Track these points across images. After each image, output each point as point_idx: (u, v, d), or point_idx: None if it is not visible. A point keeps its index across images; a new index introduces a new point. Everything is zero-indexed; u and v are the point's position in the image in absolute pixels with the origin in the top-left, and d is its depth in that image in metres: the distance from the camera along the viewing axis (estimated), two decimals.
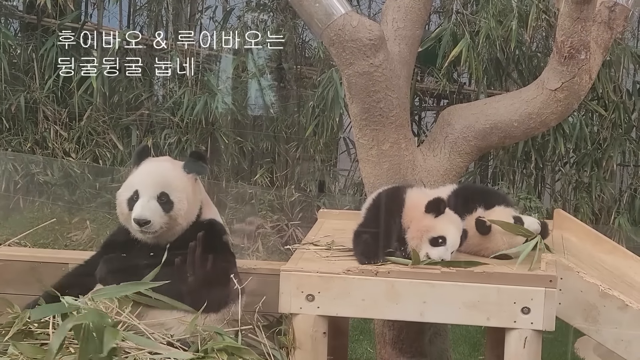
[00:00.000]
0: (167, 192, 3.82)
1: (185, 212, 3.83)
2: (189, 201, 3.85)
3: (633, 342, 3.82)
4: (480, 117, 4.84)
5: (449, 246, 3.68)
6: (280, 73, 10.30)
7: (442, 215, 3.74)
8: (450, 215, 3.79)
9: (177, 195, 3.82)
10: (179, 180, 3.86)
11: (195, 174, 3.92)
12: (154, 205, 3.79)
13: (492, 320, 3.54)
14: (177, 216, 3.82)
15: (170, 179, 3.85)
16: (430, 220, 3.72)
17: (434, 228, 3.70)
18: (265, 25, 10.09)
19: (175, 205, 3.81)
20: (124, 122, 10.16)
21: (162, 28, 10.50)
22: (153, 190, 3.82)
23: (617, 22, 4.67)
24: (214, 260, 3.80)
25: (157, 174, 3.88)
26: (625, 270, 4.47)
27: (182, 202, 3.82)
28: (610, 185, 10.00)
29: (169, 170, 3.90)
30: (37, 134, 10.03)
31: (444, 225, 3.72)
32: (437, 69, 9.66)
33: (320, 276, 3.58)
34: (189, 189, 3.87)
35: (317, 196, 10.05)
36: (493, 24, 9.07)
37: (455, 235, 3.73)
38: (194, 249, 3.76)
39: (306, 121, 9.86)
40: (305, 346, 3.58)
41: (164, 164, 3.96)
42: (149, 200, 3.80)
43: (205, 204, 4.00)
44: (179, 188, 3.84)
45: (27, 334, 3.51)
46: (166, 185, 3.83)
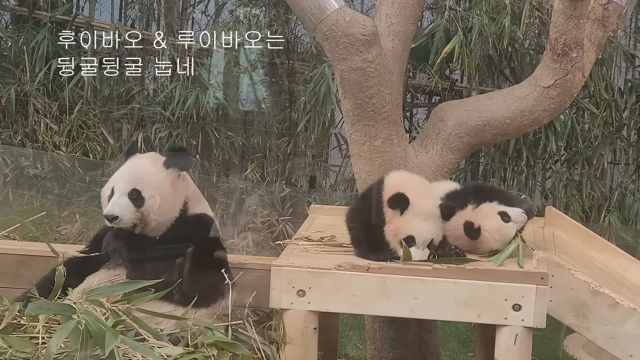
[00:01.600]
0: (138, 189, 3.84)
1: (157, 208, 3.83)
2: (163, 197, 3.85)
3: (623, 340, 3.82)
4: (472, 113, 4.84)
5: (418, 244, 3.66)
6: (272, 68, 10.28)
7: (407, 211, 3.70)
8: (418, 208, 3.74)
9: (149, 191, 3.84)
10: (153, 176, 3.87)
11: (176, 169, 3.91)
12: (125, 201, 3.82)
13: (483, 317, 3.54)
14: (149, 212, 3.83)
15: (143, 175, 3.88)
16: (398, 220, 3.69)
17: (402, 228, 3.66)
18: (257, 20, 10.07)
19: (146, 201, 3.83)
20: (114, 115, 10.12)
21: (154, 22, 10.48)
22: (125, 187, 3.85)
23: (611, 19, 4.67)
24: (203, 254, 3.81)
25: (131, 171, 3.92)
26: (616, 268, 4.48)
27: (153, 199, 3.83)
28: (601, 183, 10.01)
29: (146, 166, 3.92)
30: (27, 127, 10.00)
31: (410, 222, 3.68)
32: (430, 65, 9.65)
33: (311, 272, 3.58)
34: (165, 185, 3.87)
35: (307, 192, 10.03)
36: (486, 21, 9.05)
37: (424, 230, 3.67)
38: (180, 240, 3.79)
39: (298, 116, 9.84)
40: (295, 341, 3.58)
41: (143, 161, 3.97)
42: (120, 197, 3.83)
43: (193, 198, 3.99)
44: (152, 184, 3.85)
45: (16, 328, 3.49)
46: (138, 182, 3.85)
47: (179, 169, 3.92)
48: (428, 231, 3.69)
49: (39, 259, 4.21)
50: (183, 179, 3.96)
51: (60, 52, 9.98)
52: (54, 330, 3.43)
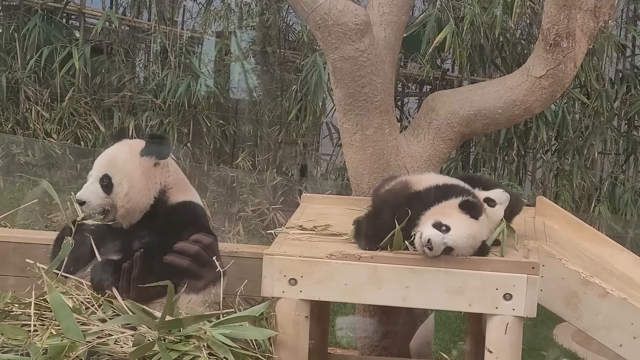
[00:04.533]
0: (109, 175, 3.84)
1: (125, 194, 3.82)
2: (131, 184, 3.83)
3: (613, 329, 3.84)
4: (464, 103, 4.84)
5: (446, 236, 3.55)
6: (263, 57, 10.27)
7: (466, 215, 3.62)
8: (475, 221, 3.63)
9: (118, 177, 3.83)
10: (125, 163, 3.85)
11: (152, 157, 3.90)
12: (95, 187, 3.83)
13: (474, 306, 3.54)
14: (117, 198, 3.82)
15: (115, 161, 3.87)
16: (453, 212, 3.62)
17: (447, 216, 3.61)
18: (249, 8, 10.06)
19: (114, 187, 3.82)
20: (106, 103, 10.12)
21: (145, 9, 10.46)
22: (98, 172, 3.86)
23: (603, 10, 4.67)
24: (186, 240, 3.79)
25: (105, 157, 3.92)
26: (606, 258, 4.49)
27: (121, 185, 3.81)
28: (591, 173, 10.04)
29: (120, 153, 3.91)
30: (18, 114, 9.98)
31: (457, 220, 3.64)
32: (421, 54, 9.66)
33: (303, 260, 3.58)
34: (134, 173, 3.85)
35: (299, 180, 10.05)
36: (478, 11, 9.06)
37: (458, 236, 3.55)
38: (162, 229, 3.79)
39: (289, 105, 9.85)
40: (287, 330, 3.58)
41: (120, 147, 3.95)
42: (92, 182, 3.84)
43: (176, 187, 3.97)
44: (123, 171, 3.84)
45: (7, 315, 3.49)
46: (109, 168, 3.85)
47: (155, 157, 3.90)
48: (459, 239, 3.60)
49: (30, 247, 4.20)
50: (163, 167, 3.92)
51: (52, 40, 9.97)
52: (46, 317, 3.43)
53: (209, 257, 3.77)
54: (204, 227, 3.97)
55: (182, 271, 3.71)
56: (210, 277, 3.77)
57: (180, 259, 3.73)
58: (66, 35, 10.23)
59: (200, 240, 3.80)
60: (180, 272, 3.71)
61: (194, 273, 3.74)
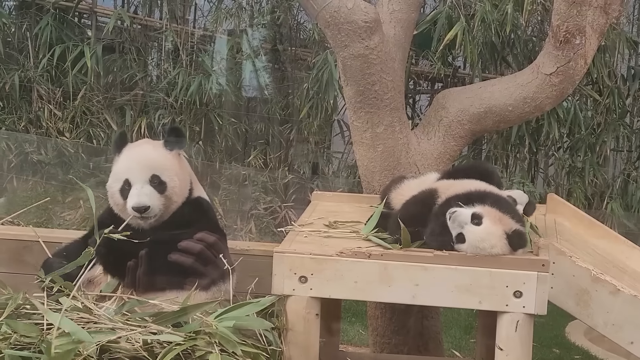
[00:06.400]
0: (157, 174, 3.78)
1: (178, 189, 3.82)
2: (179, 178, 3.83)
3: (624, 327, 3.83)
4: (475, 100, 4.84)
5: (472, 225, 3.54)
6: (274, 54, 10.29)
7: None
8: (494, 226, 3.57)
9: (167, 174, 3.79)
10: (165, 159, 3.82)
11: (177, 149, 3.90)
12: (149, 189, 3.75)
13: (484, 303, 3.54)
14: (172, 194, 3.79)
15: (157, 159, 3.82)
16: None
17: (493, 222, 3.54)
18: (260, 6, 10.08)
19: (168, 184, 3.79)
20: (118, 102, 10.15)
21: (157, 8, 10.49)
22: (143, 175, 3.78)
23: (613, 6, 4.66)
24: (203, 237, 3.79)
25: (143, 158, 3.84)
26: (617, 255, 4.48)
27: (173, 180, 3.79)
28: (604, 170, 10.02)
29: (153, 151, 3.86)
30: (31, 113, 10.02)
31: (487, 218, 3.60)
32: (432, 52, 9.66)
33: (313, 258, 3.58)
34: (176, 166, 3.85)
35: (310, 178, 10.06)
36: (489, 8, 9.06)
37: (476, 236, 3.51)
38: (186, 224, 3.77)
39: (300, 103, 9.87)
40: (297, 328, 3.58)
41: (146, 147, 3.92)
42: (143, 186, 3.77)
43: (193, 180, 3.99)
44: (167, 167, 3.80)
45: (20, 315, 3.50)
46: (155, 167, 3.79)
47: (178, 148, 3.91)
48: (477, 237, 3.58)
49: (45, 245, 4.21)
50: (183, 159, 3.95)
51: (64, 39, 10.01)
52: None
53: (214, 255, 3.77)
54: (215, 224, 3.98)
55: (187, 269, 3.71)
56: (216, 274, 3.77)
57: (184, 257, 3.72)
58: (78, 34, 10.28)
59: (205, 239, 3.80)
60: (185, 270, 3.70)
61: (199, 271, 3.74)
